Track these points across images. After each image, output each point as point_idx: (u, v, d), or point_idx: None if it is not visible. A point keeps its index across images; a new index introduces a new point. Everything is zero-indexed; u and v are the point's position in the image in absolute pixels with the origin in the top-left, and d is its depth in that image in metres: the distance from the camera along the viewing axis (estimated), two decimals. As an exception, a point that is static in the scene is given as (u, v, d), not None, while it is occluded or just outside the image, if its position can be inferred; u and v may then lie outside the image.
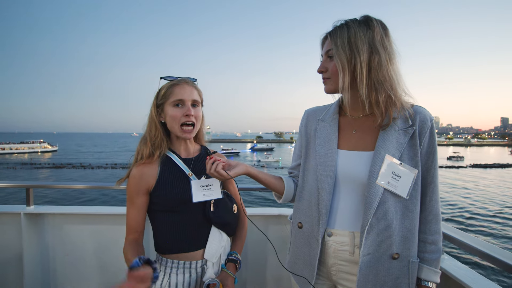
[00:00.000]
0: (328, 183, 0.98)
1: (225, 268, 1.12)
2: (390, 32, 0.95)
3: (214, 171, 1.00)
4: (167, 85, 1.10)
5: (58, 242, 1.91)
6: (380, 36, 0.91)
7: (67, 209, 1.90)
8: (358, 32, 0.90)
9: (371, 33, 0.90)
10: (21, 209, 1.83)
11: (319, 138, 1.06)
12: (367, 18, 0.93)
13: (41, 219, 1.90)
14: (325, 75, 1.00)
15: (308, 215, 1.05)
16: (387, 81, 0.91)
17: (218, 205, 1.12)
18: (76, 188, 1.93)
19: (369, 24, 0.91)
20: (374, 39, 0.90)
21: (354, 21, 0.93)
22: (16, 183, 1.92)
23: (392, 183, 0.92)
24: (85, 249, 1.89)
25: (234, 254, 1.17)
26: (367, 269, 0.92)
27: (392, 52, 0.93)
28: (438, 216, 0.97)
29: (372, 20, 0.92)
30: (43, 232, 1.90)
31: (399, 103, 0.94)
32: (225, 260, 1.16)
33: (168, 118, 1.09)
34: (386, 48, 0.91)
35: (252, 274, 1.91)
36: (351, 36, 0.90)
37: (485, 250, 1.03)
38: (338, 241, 0.99)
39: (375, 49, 0.90)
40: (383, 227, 0.91)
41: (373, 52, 0.90)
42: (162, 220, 1.10)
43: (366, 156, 0.97)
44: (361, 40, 0.89)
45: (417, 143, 0.94)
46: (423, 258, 0.97)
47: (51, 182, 1.96)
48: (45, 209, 1.89)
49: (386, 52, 0.91)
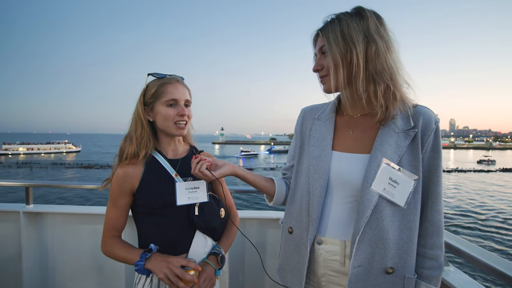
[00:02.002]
0: (319, 186, 0.92)
1: (205, 259, 1.08)
2: (384, 20, 0.88)
3: (198, 171, 0.96)
4: (158, 83, 1.06)
5: (57, 241, 1.90)
6: (375, 25, 0.84)
7: (66, 209, 1.90)
8: (351, 24, 0.83)
9: (364, 23, 0.84)
10: (21, 208, 1.83)
11: (314, 138, 1.00)
12: (359, 8, 0.87)
13: (40, 218, 1.90)
14: (321, 73, 0.93)
15: (299, 219, 0.99)
16: (385, 71, 0.84)
17: (203, 208, 1.08)
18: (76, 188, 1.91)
19: (362, 14, 0.85)
20: (369, 28, 0.83)
21: (345, 14, 0.87)
22: (16, 182, 1.93)
23: (388, 190, 0.84)
24: (84, 248, 1.88)
25: (217, 248, 1.12)
26: (357, 283, 0.85)
27: (389, 40, 0.86)
28: (440, 228, 0.88)
29: (364, 10, 0.86)
30: (42, 231, 1.90)
31: (399, 94, 0.86)
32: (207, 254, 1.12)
33: (160, 117, 1.05)
34: (383, 36, 0.84)
35: (249, 279, 1.87)
36: (344, 28, 0.84)
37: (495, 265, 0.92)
38: (328, 249, 0.92)
39: (371, 38, 0.83)
40: (376, 238, 0.83)
41: (369, 41, 0.83)
42: (145, 222, 1.08)
43: (362, 159, 0.89)
44: (355, 31, 0.83)
45: (418, 147, 0.85)
46: (421, 274, 0.88)
47: (51, 182, 1.95)
48: (44, 208, 1.89)
49: (383, 41, 0.84)
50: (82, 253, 1.89)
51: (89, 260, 1.89)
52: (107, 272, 1.89)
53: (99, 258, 1.88)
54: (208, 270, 1.03)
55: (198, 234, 1.09)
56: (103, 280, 1.89)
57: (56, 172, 40.96)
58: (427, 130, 0.86)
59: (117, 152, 1.10)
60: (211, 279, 1.02)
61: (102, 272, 1.89)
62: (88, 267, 1.89)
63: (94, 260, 1.89)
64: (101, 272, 1.89)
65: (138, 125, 1.06)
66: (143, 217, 1.08)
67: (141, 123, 1.06)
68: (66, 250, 1.90)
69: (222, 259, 1.10)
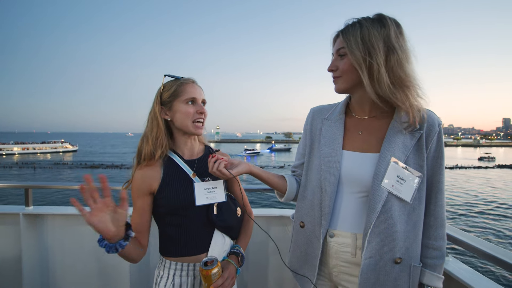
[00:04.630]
0: (331, 183, 0.97)
1: (226, 258, 1.11)
2: (403, 29, 0.92)
3: (216, 170, 1.00)
4: (176, 83, 1.09)
5: (58, 243, 1.87)
6: (395, 34, 0.88)
7: (67, 210, 1.86)
8: (371, 30, 0.87)
9: (385, 31, 0.87)
10: (20, 210, 1.80)
11: (324, 137, 1.05)
12: (380, 16, 0.91)
13: (40, 220, 1.86)
14: (335, 74, 0.98)
15: (310, 214, 1.04)
16: (408, 79, 0.88)
17: (221, 208, 1.11)
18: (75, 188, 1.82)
19: (383, 22, 0.89)
20: (389, 36, 0.87)
21: (367, 19, 0.91)
22: (15, 183, 1.90)
23: (396, 187, 0.90)
24: (85, 250, 1.85)
25: (237, 247, 1.15)
26: (369, 272, 0.91)
27: (408, 50, 0.90)
28: (443, 221, 0.95)
29: (386, 18, 0.90)
30: (42, 233, 1.87)
31: (416, 102, 0.91)
32: (228, 253, 1.15)
33: (180, 115, 1.07)
34: (402, 46, 0.89)
35: (253, 276, 1.88)
36: (364, 34, 0.88)
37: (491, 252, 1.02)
38: (340, 242, 0.98)
39: (391, 47, 0.87)
40: (386, 231, 0.90)
41: (389, 50, 0.87)
42: (165, 222, 1.10)
43: (371, 158, 0.95)
44: (375, 38, 0.87)
45: (423, 147, 0.92)
46: (426, 263, 0.95)
47: (50, 183, 1.91)
48: (44, 209, 1.86)
49: (402, 50, 0.88)
50: (84, 256, 1.85)
51: (91, 263, 1.86)
52: (110, 275, 1.85)
53: (102, 260, 1.85)
54: (230, 268, 1.05)
55: (217, 233, 1.12)
56: (106, 283, 1.86)
57: (61, 172, 39.73)
58: (431, 132, 0.92)
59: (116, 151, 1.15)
60: (233, 277, 1.03)
61: (105, 275, 1.86)
62: (90, 269, 1.86)
63: (96, 262, 1.86)
64: (104, 275, 1.86)
65: (154, 125, 1.08)
66: (163, 218, 1.10)
67: (157, 122, 1.08)
68: (67, 252, 1.87)
69: (242, 258, 1.13)
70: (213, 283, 0.94)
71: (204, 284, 0.96)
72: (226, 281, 0.99)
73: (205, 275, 0.93)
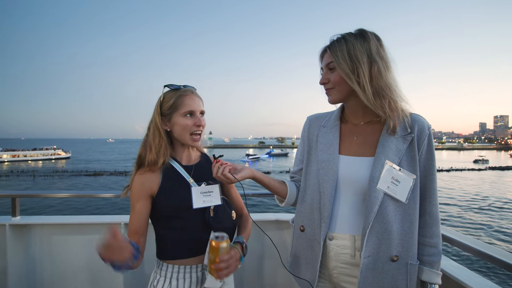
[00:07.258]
0: (329, 187, 1.01)
1: (232, 244, 1.11)
2: (383, 42, 1.00)
3: (220, 174, 1.02)
4: (175, 95, 1.12)
5: (46, 254, 1.80)
6: (376, 47, 0.96)
7: (56, 219, 1.81)
8: (356, 45, 0.95)
9: (367, 45, 0.95)
10: (6, 220, 1.74)
11: (321, 143, 1.09)
12: (362, 31, 0.99)
13: (27, 230, 1.80)
14: (327, 86, 1.04)
15: (310, 218, 1.08)
16: (387, 88, 0.95)
17: (217, 211, 1.14)
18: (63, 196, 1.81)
19: (365, 37, 0.96)
20: (371, 49, 0.95)
21: (350, 35, 0.98)
22: (1, 192, 1.86)
23: (391, 188, 0.94)
24: (75, 261, 1.79)
25: (240, 237, 1.18)
26: (367, 271, 0.95)
27: (388, 60, 0.98)
28: (437, 219, 1.00)
29: (367, 33, 0.98)
30: (30, 244, 1.80)
31: (399, 108, 0.98)
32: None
33: (178, 127, 1.13)
34: (382, 57, 0.96)
35: (248, 281, 1.87)
36: (350, 48, 0.95)
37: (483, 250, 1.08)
38: (340, 244, 1.01)
39: (373, 59, 0.94)
40: (382, 230, 0.94)
41: (372, 61, 0.94)
42: (163, 225, 1.13)
43: (367, 161, 1.00)
44: (359, 51, 0.94)
45: (415, 150, 0.97)
46: (424, 261, 0.99)
47: (38, 191, 1.87)
48: (32, 219, 1.80)
49: (383, 61, 0.96)
50: (75, 266, 1.79)
51: (83, 274, 1.80)
52: (103, 284, 1.79)
53: (93, 271, 1.79)
54: (236, 251, 1.05)
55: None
56: None
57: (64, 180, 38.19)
58: (422, 135, 0.98)
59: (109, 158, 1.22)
60: (237, 259, 1.04)
61: (97, 284, 1.80)
62: (80, 282, 1.80)
63: (87, 274, 1.79)
64: (96, 284, 1.80)
65: (156, 134, 1.12)
66: (161, 221, 1.14)
67: (158, 132, 1.12)
68: (56, 263, 1.80)
69: (246, 248, 1.15)
70: (219, 255, 0.95)
71: (211, 256, 0.97)
72: (232, 259, 0.99)
73: (214, 247, 0.95)
